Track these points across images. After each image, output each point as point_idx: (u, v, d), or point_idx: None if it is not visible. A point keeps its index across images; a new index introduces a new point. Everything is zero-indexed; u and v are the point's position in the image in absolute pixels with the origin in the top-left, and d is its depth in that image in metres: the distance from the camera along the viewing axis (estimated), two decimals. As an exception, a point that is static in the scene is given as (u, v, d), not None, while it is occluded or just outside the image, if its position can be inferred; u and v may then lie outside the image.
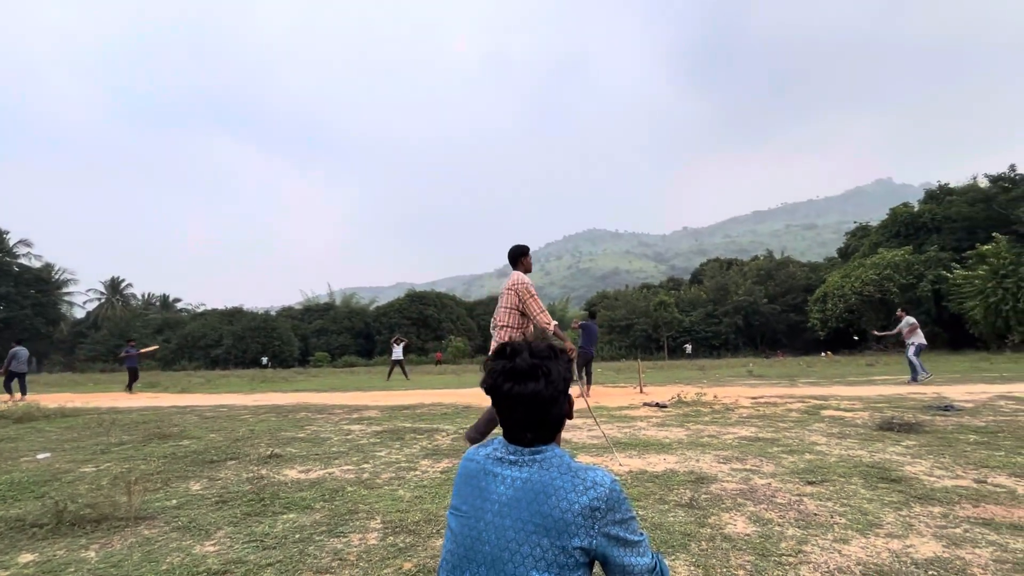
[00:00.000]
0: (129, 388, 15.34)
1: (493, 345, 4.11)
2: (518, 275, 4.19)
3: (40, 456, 4.81)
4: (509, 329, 4.16)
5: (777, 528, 2.55)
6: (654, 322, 48.15)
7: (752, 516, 2.73)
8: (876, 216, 49.14)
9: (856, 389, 9.87)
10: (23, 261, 50.95)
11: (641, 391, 10.43)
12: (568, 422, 5.30)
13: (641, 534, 1.17)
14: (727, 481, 3.44)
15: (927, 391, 8.92)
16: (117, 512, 2.87)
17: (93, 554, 2.42)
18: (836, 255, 50.32)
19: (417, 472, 3.88)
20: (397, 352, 19.26)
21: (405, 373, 19.52)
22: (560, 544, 1.05)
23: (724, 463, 3.96)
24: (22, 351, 13.77)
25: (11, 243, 51.19)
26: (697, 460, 4.08)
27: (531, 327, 4.20)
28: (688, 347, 44.92)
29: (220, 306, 59.44)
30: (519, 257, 4.34)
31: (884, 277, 34.19)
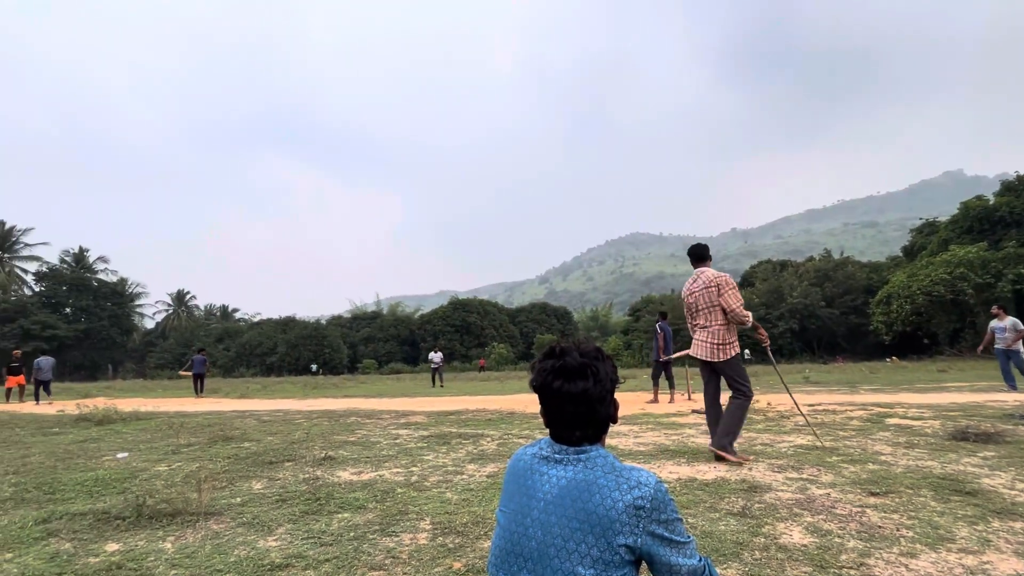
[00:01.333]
0: (199, 391, 16.70)
1: (701, 350, 4.22)
2: (713, 271, 4.28)
3: (120, 455, 5.22)
4: (715, 328, 4.21)
5: (837, 539, 2.44)
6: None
7: (810, 526, 2.62)
8: (945, 211, 45.79)
9: (926, 396, 9.22)
10: (101, 276, 55.39)
11: (690, 398, 10.15)
12: (614, 429, 5.25)
13: (688, 536, 1.17)
14: (782, 490, 3.31)
15: (1008, 399, 8.22)
16: (189, 507, 3.09)
17: (169, 545, 2.61)
18: (900, 254, 47.24)
19: (464, 476, 3.95)
20: (436, 360, 20.10)
21: (434, 381, 20.25)
22: (605, 541, 1.07)
23: (779, 472, 3.81)
24: (44, 361, 16.09)
25: (91, 260, 55.81)
26: (750, 469, 3.95)
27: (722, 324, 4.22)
28: (742, 353, 43.29)
29: (275, 315, 62.37)
30: (707, 255, 4.45)
31: (957, 276, 31.72)
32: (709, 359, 4.27)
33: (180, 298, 68.96)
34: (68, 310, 51.22)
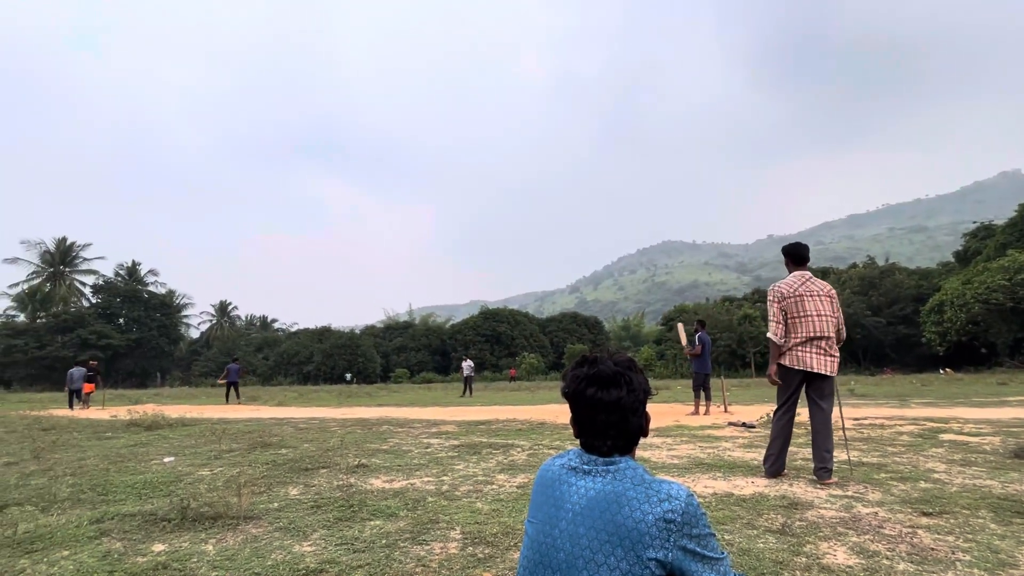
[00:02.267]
0: (237, 399, 17.47)
1: (819, 362, 3.81)
2: (828, 284, 3.97)
3: (166, 460, 5.45)
4: (833, 339, 3.91)
5: (885, 562, 2.31)
6: (739, 337, 45.33)
7: (855, 547, 2.50)
8: (1000, 214, 43.20)
9: (984, 411, 8.66)
10: (151, 288, 58.30)
11: (726, 410, 9.85)
12: (647, 442, 5.13)
13: (722, 552, 1.14)
14: (825, 508, 3.17)
15: (1078, 414, 7.64)
16: (229, 511, 3.19)
17: (211, 547, 2.71)
18: (952, 259, 44.79)
19: (494, 486, 3.95)
20: (467, 369, 20.28)
21: (464, 390, 20.46)
22: (634, 554, 1.06)
23: (822, 488, 3.65)
24: (76, 371, 17.85)
25: (142, 273, 58.85)
26: (790, 484, 3.80)
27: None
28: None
29: (311, 325, 64.17)
30: (808, 256, 4.13)
31: (1017, 283, 29.78)
32: (830, 372, 3.87)
33: (223, 309, 71.81)
34: (121, 320, 54.07)
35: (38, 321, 49.96)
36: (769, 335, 4.06)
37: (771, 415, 5.24)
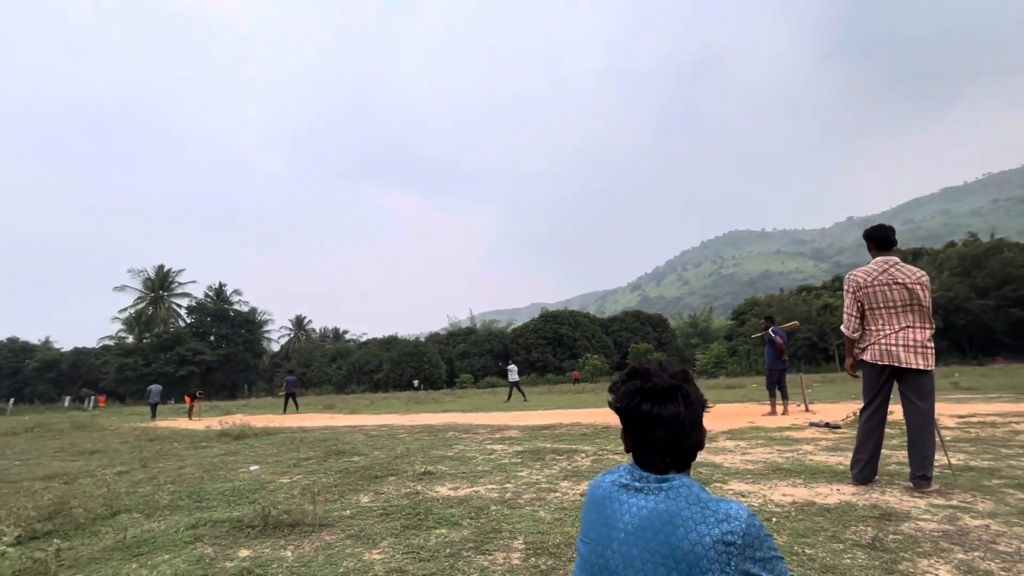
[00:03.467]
0: (295, 408, 18.93)
1: (911, 355, 3.50)
2: (920, 271, 3.63)
3: (252, 468, 5.86)
4: (929, 330, 3.55)
5: (1000, 583, 2.05)
6: (819, 329, 42.27)
7: (961, 564, 2.23)
8: None
9: (1123, 404, 7.52)
10: (236, 307, 63.20)
11: (806, 409, 9.20)
12: (718, 446, 4.90)
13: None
14: (924, 520, 2.86)
15: None
16: (306, 519, 3.37)
17: (289, 554, 2.87)
18: (1073, 230, 39.43)
19: (557, 494, 3.90)
20: (513, 375, 20.37)
21: (511, 395, 20.59)
22: (691, 579, 1.00)
23: (920, 497, 3.30)
24: (154, 387, 20.03)
25: (228, 293, 63.97)
26: (882, 492, 3.47)
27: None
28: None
29: (379, 335, 66.85)
30: (893, 239, 3.75)
31: None
32: (925, 367, 3.50)
33: (299, 323, 76.51)
34: (212, 338, 59.00)
35: (144, 341, 55.61)
36: (842, 328, 3.79)
37: (857, 414, 4.82)
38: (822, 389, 15.76)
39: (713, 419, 8.51)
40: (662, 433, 1.12)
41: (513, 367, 20.57)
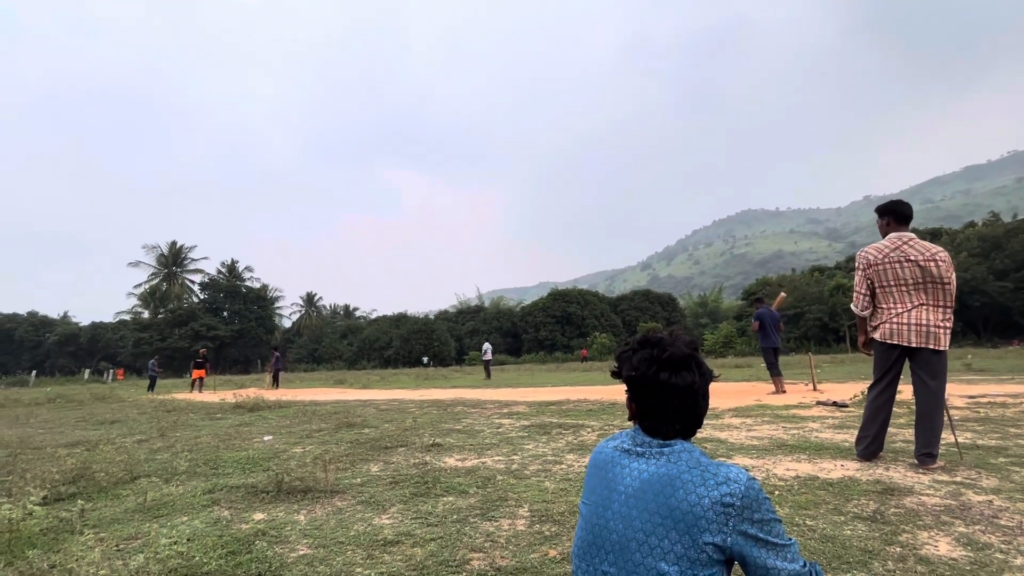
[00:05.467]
0: (275, 385, 18.97)
1: (924, 335, 3.42)
2: (936, 247, 3.51)
3: (266, 438, 6.02)
4: (948, 308, 3.47)
5: (998, 555, 2.07)
6: (830, 310, 41.86)
7: (962, 538, 2.25)
8: None
9: None
10: (248, 283, 63.89)
11: (814, 389, 9.20)
12: (724, 422, 4.93)
13: (788, 539, 1.08)
14: (927, 494, 2.88)
15: None
16: (318, 486, 3.48)
17: (302, 518, 2.97)
18: (1099, 211, 38.29)
19: (563, 466, 3.97)
20: (487, 354, 21.09)
21: (488, 373, 20.99)
22: (690, 538, 1.02)
23: (924, 473, 3.31)
24: (152, 362, 21.15)
25: (240, 270, 64.61)
26: (886, 468, 3.49)
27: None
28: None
29: (389, 312, 67.44)
30: (910, 214, 3.64)
31: None
32: (936, 347, 3.42)
33: (310, 300, 77.30)
34: (225, 313, 59.87)
35: (159, 316, 56.62)
36: (852, 306, 3.72)
37: (865, 393, 4.80)
38: (831, 369, 15.71)
39: (720, 397, 8.54)
40: (676, 402, 1.13)
41: (488, 346, 21.61)
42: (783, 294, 10.56)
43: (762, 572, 1.05)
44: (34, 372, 47.53)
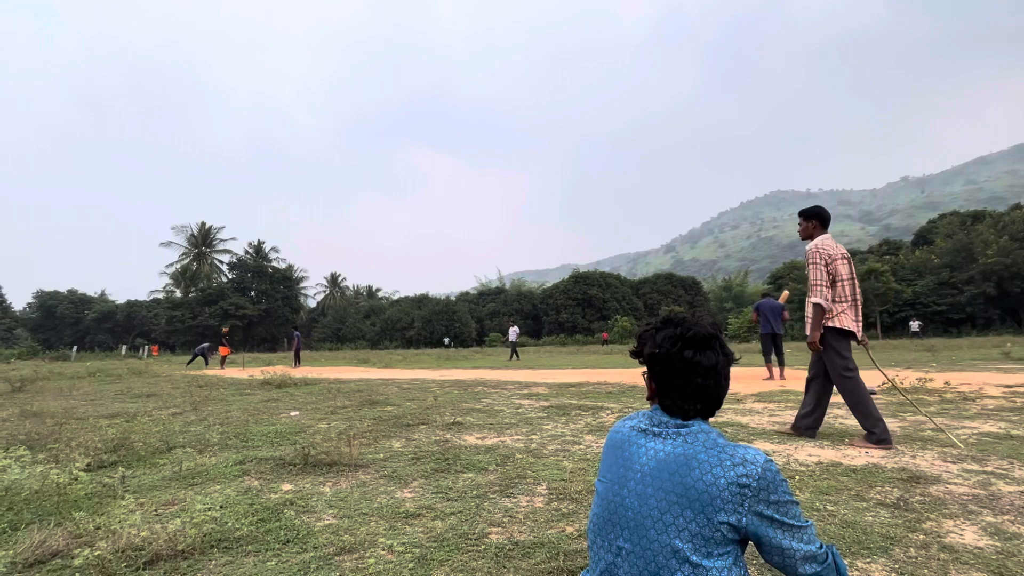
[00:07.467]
0: (297, 363, 19.56)
1: (860, 327, 3.89)
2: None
3: (292, 413, 6.22)
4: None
5: (1028, 546, 2.02)
6: (863, 295, 40.57)
7: (989, 527, 2.21)
8: None
9: None
10: (275, 264, 65.32)
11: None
12: (747, 407, 4.94)
13: (805, 520, 1.08)
14: (955, 484, 2.82)
15: None
16: (342, 460, 3.59)
17: (328, 490, 3.08)
18: None
19: (581, 446, 4.01)
20: (512, 336, 21.10)
21: (512, 355, 21.11)
22: (704, 517, 1.03)
23: (953, 462, 3.24)
24: (199, 347, 21.27)
25: (267, 250, 66.01)
26: (913, 456, 3.42)
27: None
28: (915, 324, 35.87)
29: (411, 293, 68.26)
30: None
31: None
32: (862, 339, 3.99)
33: (334, 280, 78.72)
34: (252, 293, 61.49)
35: (190, 295, 58.50)
36: (819, 300, 3.83)
37: (896, 381, 4.76)
38: (859, 356, 15.33)
39: (743, 381, 8.45)
40: (699, 381, 1.13)
41: (515, 328, 21.58)
42: (786, 292, 10.65)
43: (777, 552, 1.06)
44: (75, 347, 49.83)
